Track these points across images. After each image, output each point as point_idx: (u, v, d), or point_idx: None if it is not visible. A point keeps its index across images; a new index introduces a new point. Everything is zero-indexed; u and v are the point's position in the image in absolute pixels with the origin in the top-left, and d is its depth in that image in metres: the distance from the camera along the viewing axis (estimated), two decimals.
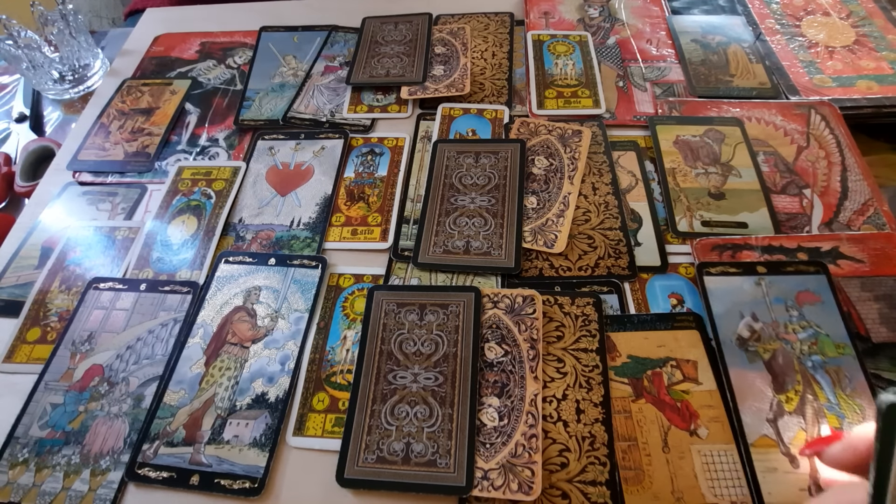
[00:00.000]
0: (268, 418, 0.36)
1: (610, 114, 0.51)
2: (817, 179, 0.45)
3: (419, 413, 0.35)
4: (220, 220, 0.46)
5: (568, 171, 0.46)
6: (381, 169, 0.49)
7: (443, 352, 0.37)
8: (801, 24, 0.57)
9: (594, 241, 0.43)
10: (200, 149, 0.53)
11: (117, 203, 0.49)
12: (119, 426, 0.37)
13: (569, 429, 0.34)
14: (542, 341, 0.37)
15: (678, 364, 0.36)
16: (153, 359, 0.39)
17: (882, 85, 0.50)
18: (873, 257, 0.40)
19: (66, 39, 0.58)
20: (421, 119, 0.53)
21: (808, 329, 0.37)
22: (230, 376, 0.38)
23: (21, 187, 0.53)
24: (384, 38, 0.59)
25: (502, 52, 0.57)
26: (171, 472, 0.34)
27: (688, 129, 0.49)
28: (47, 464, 0.35)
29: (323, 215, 0.46)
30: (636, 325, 0.38)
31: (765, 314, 0.38)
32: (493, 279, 0.41)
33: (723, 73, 0.53)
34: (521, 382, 0.35)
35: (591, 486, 0.32)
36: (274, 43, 0.61)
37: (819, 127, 0.48)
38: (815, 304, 0.38)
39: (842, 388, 0.34)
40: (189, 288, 0.42)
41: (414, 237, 0.44)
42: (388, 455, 0.33)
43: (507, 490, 0.32)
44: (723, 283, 0.39)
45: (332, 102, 0.55)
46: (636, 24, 0.59)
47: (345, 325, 0.40)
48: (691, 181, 0.46)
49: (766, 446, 0.33)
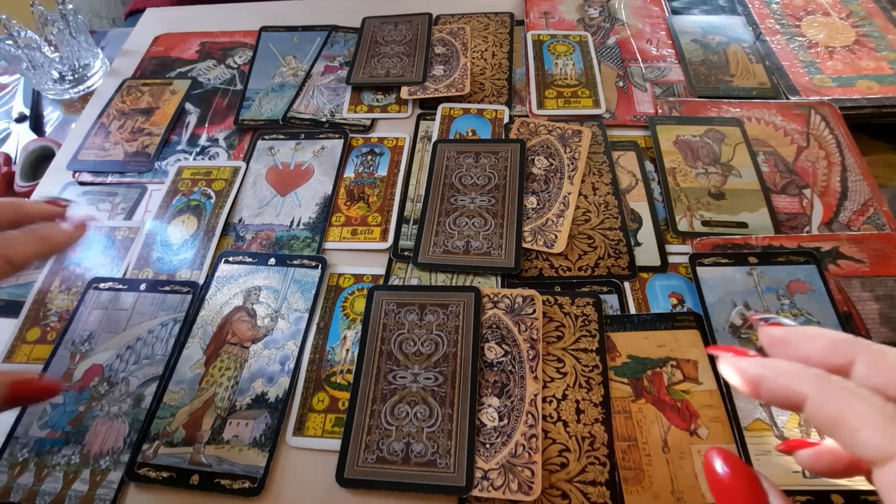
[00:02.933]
0: (268, 418, 0.36)
1: (610, 114, 0.51)
2: (817, 179, 0.45)
3: (419, 413, 0.35)
4: (220, 220, 0.46)
5: (568, 171, 0.46)
6: (381, 169, 0.49)
7: (443, 352, 0.37)
8: (801, 24, 0.57)
9: (594, 241, 0.43)
10: (200, 149, 0.53)
11: (117, 203, 0.49)
12: (119, 426, 0.37)
13: (569, 429, 0.34)
14: (542, 341, 0.37)
15: (678, 364, 0.36)
16: (153, 359, 0.39)
17: (882, 85, 0.50)
18: (873, 257, 0.40)
19: (66, 39, 0.58)
20: (421, 119, 0.53)
21: (800, 317, 0.38)
22: (230, 376, 0.38)
23: (21, 187, 0.53)
24: (384, 38, 0.59)
25: (502, 52, 0.57)
26: (170, 472, 0.34)
27: (688, 129, 0.49)
28: (47, 464, 0.35)
29: (323, 215, 0.46)
30: (636, 325, 0.38)
31: (757, 303, 0.38)
32: (493, 279, 0.41)
33: (723, 73, 0.53)
34: (521, 382, 0.35)
35: (590, 487, 0.32)
36: (274, 43, 0.61)
37: (819, 127, 0.48)
38: (805, 293, 0.38)
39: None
40: (189, 288, 0.42)
41: (414, 237, 0.44)
42: (388, 455, 0.33)
43: (507, 490, 0.32)
44: (715, 273, 0.40)
45: (332, 102, 0.55)
46: (636, 24, 0.59)
47: (345, 325, 0.40)
48: (691, 181, 0.46)
49: (760, 430, 0.34)
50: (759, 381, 0.20)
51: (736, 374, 0.21)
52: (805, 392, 0.19)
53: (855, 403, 0.18)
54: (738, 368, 0.21)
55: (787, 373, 0.20)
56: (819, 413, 0.19)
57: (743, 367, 0.21)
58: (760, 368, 0.20)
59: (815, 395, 0.19)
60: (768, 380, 0.20)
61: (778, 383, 0.20)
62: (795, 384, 0.19)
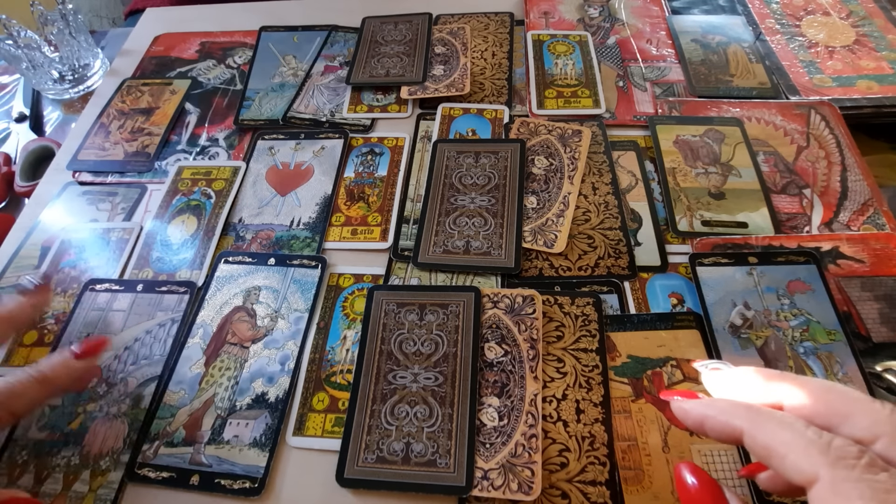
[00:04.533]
0: (268, 418, 0.36)
1: (610, 114, 0.51)
2: (817, 179, 0.45)
3: (419, 413, 0.35)
4: (219, 219, 0.46)
5: (568, 170, 0.46)
6: (381, 169, 0.49)
7: (443, 352, 0.37)
8: (801, 24, 0.57)
9: (594, 240, 0.43)
10: (200, 149, 0.53)
11: (117, 203, 0.49)
12: (118, 427, 0.37)
13: (569, 429, 0.34)
14: (542, 341, 0.37)
15: (678, 364, 0.36)
16: (151, 359, 0.39)
17: (882, 85, 0.50)
18: (873, 257, 0.40)
19: (66, 39, 0.58)
20: (421, 119, 0.53)
21: (800, 316, 0.37)
22: (230, 376, 0.38)
23: (21, 187, 0.53)
24: (384, 38, 0.58)
25: (502, 52, 0.57)
26: (171, 472, 0.34)
27: (688, 129, 0.49)
28: (47, 465, 0.35)
29: (323, 215, 0.46)
30: (636, 325, 0.38)
31: (757, 303, 0.38)
32: (493, 279, 0.41)
33: (723, 73, 0.53)
34: (521, 382, 0.35)
35: (590, 486, 0.32)
36: (274, 43, 0.61)
37: (819, 127, 0.48)
38: (805, 293, 0.38)
39: (833, 373, 0.35)
40: (186, 288, 0.42)
41: (414, 237, 0.44)
42: (388, 455, 0.33)
43: (507, 490, 0.32)
44: (715, 273, 0.40)
45: (332, 102, 0.55)
46: (636, 23, 0.59)
47: (345, 325, 0.40)
48: (691, 181, 0.46)
49: None
50: (703, 419, 0.22)
51: (684, 415, 0.23)
52: (740, 426, 0.21)
53: (780, 432, 0.19)
54: (684, 410, 0.24)
55: (724, 410, 0.22)
56: (754, 444, 0.20)
57: (687, 408, 0.23)
58: (703, 408, 0.23)
59: (748, 428, 0.20)
60: (710, 418, 0.22)
61: (718, 421, 0.22)
62: (731, 419, 0.21)
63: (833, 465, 0.18)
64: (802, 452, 0.18)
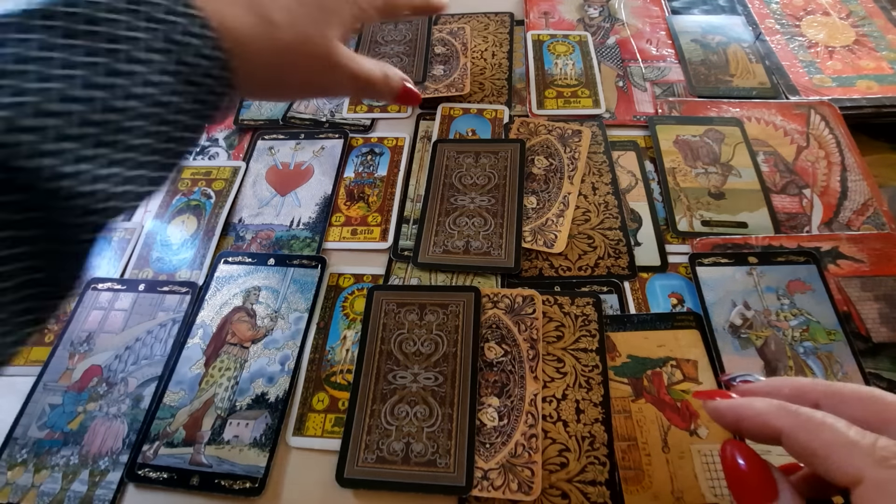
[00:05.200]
0: (268, 418, 0.36)
1: (610, 114, 0.51)
2: (817, 179, 0.45)
3: (419, 413, 0.35)
4: (219, 219, 0.46)
5: (568, 171, 0.46)
6: (381, 169, 0.49)
7: (443, 352, 0.37)
8: (800, 24, 0.57)
9: (594, 240, 0.43)
10: (200, 148, 0.53)
11: None
12: (118, 427, 0.36)
13: (568, 429, 0.34)
14: (542, 341, 0.37)
15: (678, 364, 0.36)
16: (152, 359, 0.39)
17: (882, 85, 0.50)
18: (873, 257, 0.40)
19: None
20: (421, 119, 0.53)
21: (800, 317, 0.38)
22: (230, 376, 0.38)
23: None
24: (384, 38, 0.58)
25: (502, 52, 0.57)
26: (171, 472, 0.34)
27: (688, 129, 0.49)
28: (46, 464, 0.35)
29: (323, 215, 0.46)
30: (636, 325, 0.38)
31: (756, 303, 0.38)
32: (493, 279, 0.41)
33: (723, 73, 0.53)
34: (521, 382, 0.35)
35: (590, 486, 0.32)
36: None
37: (819, 127, 0.48)
38: (805, 293, 0.38)
39: (833, 372, 0.35)
40: (188, 288, 0.42)
41: (414, 237, 0.44)
42: (388, 455, 0.33)
43: (507, 490, 0.32)
44: (715, 272, 0.40)
45: (332, 102, 0.55)
46: (636, 24, 0.59)
47: (344, 325, 0.40)
48: (691, 181, 0.46)
49: None
50: (739, 420, 0.23)
51: (718, 415, 0.24)
52: (779, 426, 0.21)
53: (821, 432, 0.19)
54: (718, 410, 0.24)
55: (762, 410, 0.22)
56: (794, 445, 0.20)
57: (722, 409, 0.23)
58: (739, 408, 0.23)
59: (789, 428, 0.20)
60: (746, 419, 0.22)
61: (755, 422, 0.22)
62: (770, 420, 0.21)
63: (878, 465, 0.17)
64: (846, 453, 0.18)
